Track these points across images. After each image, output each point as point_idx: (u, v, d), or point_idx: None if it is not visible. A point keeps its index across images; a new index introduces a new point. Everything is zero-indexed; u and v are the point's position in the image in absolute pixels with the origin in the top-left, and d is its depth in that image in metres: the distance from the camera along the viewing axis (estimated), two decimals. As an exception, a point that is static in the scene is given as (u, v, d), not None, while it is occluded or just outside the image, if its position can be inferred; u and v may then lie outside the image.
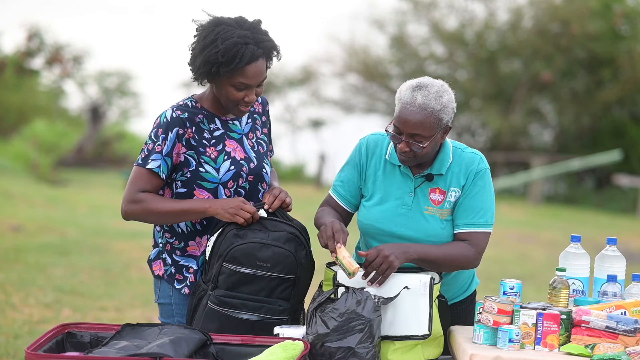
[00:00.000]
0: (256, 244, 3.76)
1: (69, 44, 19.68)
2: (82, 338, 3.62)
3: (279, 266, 3.76)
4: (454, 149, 3.95)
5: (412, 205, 3.92)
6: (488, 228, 3.90)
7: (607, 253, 4.00)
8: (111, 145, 29.47)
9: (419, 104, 3.77)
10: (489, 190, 3.92)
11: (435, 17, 28.26)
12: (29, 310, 7.81)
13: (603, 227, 17.59)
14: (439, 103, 3.78)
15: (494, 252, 12.22)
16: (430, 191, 3.93)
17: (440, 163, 3.92)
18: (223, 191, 3.88)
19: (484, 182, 3.91)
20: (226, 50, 3.75)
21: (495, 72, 27.54)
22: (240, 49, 3.75)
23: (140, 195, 3.84)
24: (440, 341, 3.85)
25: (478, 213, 3.88)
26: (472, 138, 29.43)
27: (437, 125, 3.79)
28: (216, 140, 3.90)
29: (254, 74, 3.80)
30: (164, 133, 3.84)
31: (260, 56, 3.80)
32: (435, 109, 3.77)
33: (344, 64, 30.30)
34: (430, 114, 3.77)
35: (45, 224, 13.36)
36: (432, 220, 3.90)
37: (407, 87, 3.84)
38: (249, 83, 3.81)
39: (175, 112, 3.87)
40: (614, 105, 26.71)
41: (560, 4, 26.46)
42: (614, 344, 3.60)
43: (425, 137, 3.79)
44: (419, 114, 3.77)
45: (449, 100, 3.82)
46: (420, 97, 3.78)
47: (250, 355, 3.45)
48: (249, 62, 3.77)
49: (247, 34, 3.79)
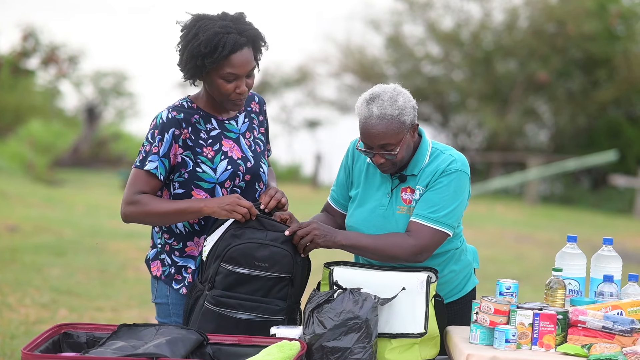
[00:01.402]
0: (254, 244, 3.76)
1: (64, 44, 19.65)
2: (79, 338, 3.62)
3: (276, 266, 3.76)
4: (433, 150, 3.94)
5: (388, 206, 3.94)
6: (438, 225, 3.83)
7: (604, 253, 4.00)
8: (107, 145, 29.42)
9: (377, 115, 3.79)
10: (453, 191, 3.86)
11: (431, 18, 28.26)
12: (25, 310, 7.80)
13: (599, 227, 17.59)
14: (396, 108, 3.80)
15: (490, 252, 12.21)
16: (402, 190, 3.94)
17: (414, 164, 3.92)
18: (220, 191, 3.88)
19: (449, 181, 3.86)
20: (208, 40, 3.75)
21: (491, 73, 27.55)
22: (222, 38, 3.75)
23: (138, 197, 3.84)
24: (437, 341, 3.86)
25: (431, 207, 3.84)
26: (468, 138, 29.45)
27: (401, 129, 3.81)
28: (213, 140, 3.90)
29: (240, 62, 3.79)
30: (160, 134, 3.84)
31: (244, 44, 3.79)
32: (394, 114, 3.79)
33: (340, 64, 30.30)
34: (391, 122, 3.79)
35: (42, 224, 13.35)
36: (402, 219, 3.91)
37: (362, 101, 3.86)
38: (236, 73, 3.80)
39: (171, 113, 3.87)
40: (610, 106, 26.72)
41: (556, 4, 26.48)
42: (610, 344, 3.60)
43: (394, 144, 3.81)
44: (380, 125, 3.79)
45: (405, 100, 3.83)
46: (376, 108, 3.80)
47: (247, 355, 3.45)
48: (232, 50, 3.76)
49: (229, 24, 3.79)
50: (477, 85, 27.48)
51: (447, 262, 4.00)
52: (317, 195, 20.89)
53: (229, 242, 3.77)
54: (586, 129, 27.44)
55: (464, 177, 3.90)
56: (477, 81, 27.51)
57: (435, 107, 29.06)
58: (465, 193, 3.91)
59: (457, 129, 29.41)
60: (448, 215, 3.84)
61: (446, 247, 3.97)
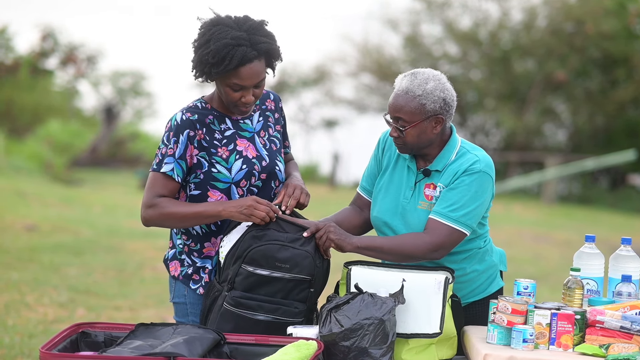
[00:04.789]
0: (275, 245, 3.75)
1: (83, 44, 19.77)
2: (96, 337, 3.63)
3: (297, 267, 3.75)
4: (460, 149, 3.94)
5: (411, 199, 3.94)
6: (456, 224, 3.81)
7: (622, 253, 3.99)
8: (125, 145, 29.51)
9: (403, 88, 3.85)
10: (474, 191, 3.84)
11: (448, 17, 28.22)
12: (43, 309, 7.83)
13: (617, 227, 17.53)
14: (422, 89, 3.82)
15: (507, 252, 12.13)
16: (425, 186, 3.94)
17: (439, 160, 3.92)
18: (236, 190, 3.88)
19: (471, 181, 3.85)
20: (216, 51, 3.74)
21: (509, 72, 27.49)
22: (230, 51, 3.73)
23: (157, 200, 3.84)
24: (454, 341, 3.85)
25: (450, 205, 3.83)
26: (486, 138, 29.39)
27: (419, 111, 3.82)
28: (227, 140, 3.90)
29: (248, 75, 3.78)
30: (175, 136, 3.85)
31: (254, 58, 3.77)
32: (417, 93, 3.82)
33: (358, 64, 30.30)
34: (412, 99, 3.82)
35: (60, 224, 13.39)
36: (423, 214, 3.91)
37: (402, 74, 3.93)
38: (242, 84, 3.79)
39: (185, 115, 3.88)
40: (628, 105, 26.61)
41: (575, 3, 26.40)
42: (628, 344, 3.59)
43: (407, 122, 3.83)
44: (401, 97, 3.84)
45: (436, 88, 3.83)
46: (406, 82, 3.86)
47: (264, 355, 3.45)
48: (239, 64, 3.75)
49: (242, 35, 3.77)
50: (495, 84, 27.43)
51: (468, 260, 3.98)
52: (335, 194, 20.88)
53: (249, 243, 3.76)
54: (604, 128, 27.35)
55: (487, 179, 3.88)
56: (495, 81, 27.46)
57: (453, 106, 29.00)
58: (486, 195, 3.89)
59: (475, 129, 29.36)
60: (467, 216, 3.83)
61: (466, 246, 3.95)
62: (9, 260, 10.14)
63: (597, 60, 26.75)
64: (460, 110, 29.06)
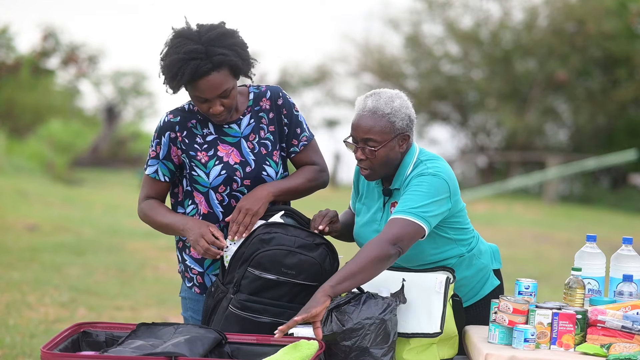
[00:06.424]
0: (282, 251, 3.74)
1: (84, 44, 19.76)
2: (98, 337, 3.63)
3: (304, 274, 3.74)
4: (417, 161, 3.87)
5: (381, 222, 3.93)
6: (408, 216, 3.69)
7: (623, 253, 3.98)
8: (126, 144, 29.55)
9: (369, 109, 3.79)
10: (425, 190, 3.73)
11: (450, 17, 28.24)
12: (44, 309, 7.83)
13: (619, 227, 17.53)
14: (390, 107, 3.78)
15: (509, 252, 12.18)
16: (391, 205, 3.91)
17: (397, 178, 3.88)
18: (214, 195, 3.87)
19: (419, 181, 3.76)
20: (168, 67, 3.73)
21: (510, 72, 27.50)
22: (182, 67, 3.69)
23: (143, 203, 3.95)
24: (455, 341, 3.85)
25: (401, 204, 3.74)
26: (487, 137, 29.41)
27: (389, 130, 3.78)
28: (208, 145, 3.88)
29: (207, 87, 3.72)
30: (157, 138, 3.89)
31: (211, 70, 3.69)
32: (385, 111, 3.77)
33: (359, 64, 30.32)
34: (381, 118, 3.77)
35: (61, 224, 13.40)
36: None
37: (362, 96, 3.88)
38: (203, 97, 3.75)
39: (168, 117, 3.90)
40: (629, 105, 26.63)
41: (576, 3, 26.42)
42: (629, 344, 3.58)
43: (378, 142, 3.77)
44: (369, 118, 3.78)
45: (402, 106, 3.80)
46: (371, 102, 3.80)
47: (265, 354, 3.45)
48: (191, 78, 3.70)
49: (198, 49, 3.70)
50: (496, 84, 27.45)
51: (455, 268, 3.94)
52: (336, 194, 20.87)
53: (257, 247, 3.74)
54: (606, 128, 27.36)
55: (437, 181, 3.78)
56: (496, 80, 27.48)
57: (454, 106, 29.05)
58: (440, 195, 3.77)
59: (476, 128, 29.38)
60: (419, 209, 3.71)
61: (448, 254, 3.90)
62: (10, 260, 10.15)
63: (598, 60, 26.77)
64: (461, 110, 29.10)
